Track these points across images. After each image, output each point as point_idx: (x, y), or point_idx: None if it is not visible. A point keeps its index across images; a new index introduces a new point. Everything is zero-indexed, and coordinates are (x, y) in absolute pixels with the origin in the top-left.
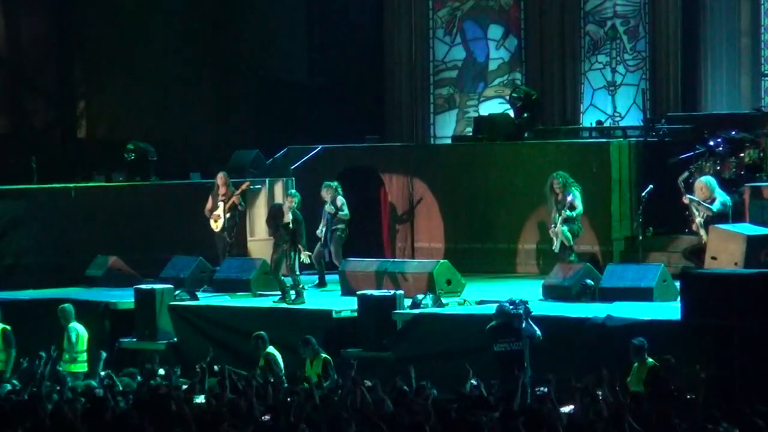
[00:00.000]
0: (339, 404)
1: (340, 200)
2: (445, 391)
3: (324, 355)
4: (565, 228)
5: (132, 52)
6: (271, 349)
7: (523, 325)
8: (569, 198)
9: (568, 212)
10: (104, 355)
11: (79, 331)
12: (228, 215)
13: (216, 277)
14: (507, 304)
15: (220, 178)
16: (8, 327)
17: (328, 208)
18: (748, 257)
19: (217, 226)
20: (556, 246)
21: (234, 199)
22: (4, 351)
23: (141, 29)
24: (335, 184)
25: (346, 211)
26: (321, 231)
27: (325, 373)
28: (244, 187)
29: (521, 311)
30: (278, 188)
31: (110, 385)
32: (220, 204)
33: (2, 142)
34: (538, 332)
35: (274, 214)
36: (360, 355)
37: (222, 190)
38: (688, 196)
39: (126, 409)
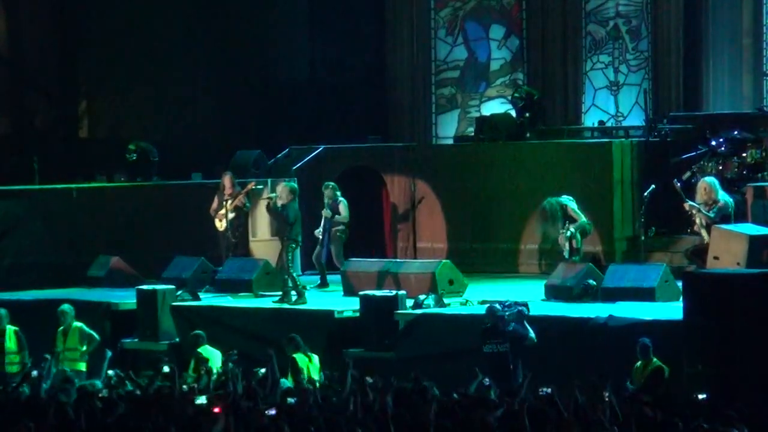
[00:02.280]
0: (341, 404)
1: (342, 203)
2: (448, 391)
3: (293, 354)
4: (577, 231)
5: (134, 52)
6: (204, 348)
7: (511, 327)
8: (569, 212)
9: (572, 229)
10: (109, 354)
11: (88, 330)
12: (233, 215)
13: (218, 278)
14: (497, 306)
15: (227, 178)
16: (17, 328)
17: (326, 213)
18: (750, 257)
19: (221, 225)
20: (566, 252)
21: (239, 199)
22: (18, 353)
23: (143, 29)
24: (332, 184)
25: (344, 214)
26: (319, 232)
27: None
28: (249, 187)
29: (506, 314)
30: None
31: (121, 381)
32: (225, 203)
33: (4, 142)
34: (531, 334)
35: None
36: (362, 356)
37: (228, 191)
38: (689, 202)
39: (128, 409)
